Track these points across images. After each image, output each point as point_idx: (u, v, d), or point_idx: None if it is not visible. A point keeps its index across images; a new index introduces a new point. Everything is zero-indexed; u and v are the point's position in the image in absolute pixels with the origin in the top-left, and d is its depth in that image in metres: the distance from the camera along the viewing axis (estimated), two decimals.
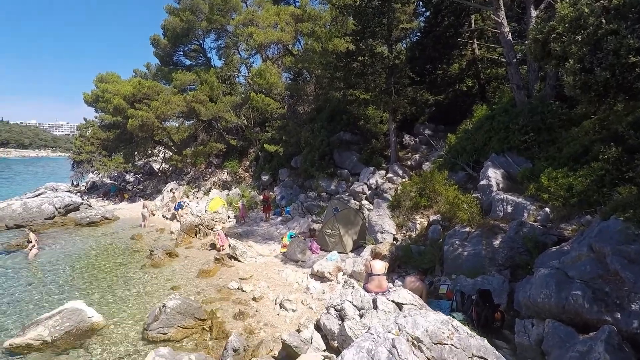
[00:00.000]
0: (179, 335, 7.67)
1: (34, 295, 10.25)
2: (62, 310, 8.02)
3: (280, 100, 23.62)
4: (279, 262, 12.05)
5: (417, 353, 3.06)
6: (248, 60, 28.79)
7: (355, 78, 15.63)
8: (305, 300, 9.06)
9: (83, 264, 13.15)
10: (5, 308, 9.42)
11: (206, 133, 27.74)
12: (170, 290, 10.17)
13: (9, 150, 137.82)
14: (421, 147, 16.48)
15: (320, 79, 21.09)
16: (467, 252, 8.46)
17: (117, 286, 10.76)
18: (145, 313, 8.64)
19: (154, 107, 23.40)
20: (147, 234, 17.01)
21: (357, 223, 12.54)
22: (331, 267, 10.23)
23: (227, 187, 23.43)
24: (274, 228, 16.04)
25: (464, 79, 17.03)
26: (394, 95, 14.96)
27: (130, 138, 26.99)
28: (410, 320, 3.35)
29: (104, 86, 25.50)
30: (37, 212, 20.24)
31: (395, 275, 9.56)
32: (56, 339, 7.44)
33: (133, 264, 12.65)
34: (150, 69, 33.35)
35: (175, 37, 27.09)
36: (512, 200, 8.99)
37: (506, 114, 11.40)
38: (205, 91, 24.60)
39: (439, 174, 11.44)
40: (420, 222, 11.24)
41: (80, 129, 37.35)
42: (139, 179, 31.92)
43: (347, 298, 6.94)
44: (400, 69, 15.17)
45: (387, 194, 14.00)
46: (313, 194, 17.52)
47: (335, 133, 18.78)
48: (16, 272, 12.15)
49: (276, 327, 7.98)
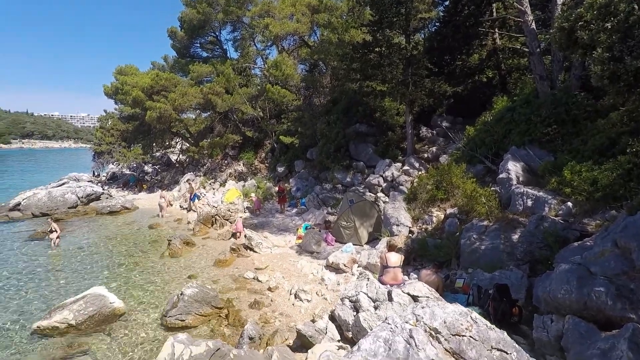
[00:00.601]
0: (196, 322, 7.86)
1: (58, 281, 10.64)
2: (85, 296, 8.31)
3: (296, 92, 23.57)
4: (294, 253, 12.14)
5: (434, 344, 3.03)
6: (264, 51, 28.79)
7: (372, 69, 15.41)
8: (320, 291, 9.12)
9: (104, 251, 13.55)
10: (32, 293, 9.82)
11: (222, 125, 27.97)
12: (188, 278, 10.39)
13: (34, 141, 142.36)
14: (438, 139, 16.21)
15: (336, 71, 20.91)
16: (485, 246, 8.33)
17: (137, 274, 11.05)
18: (164, 300, 8.87)
19: (172, 99, 23.70)
20: (165, 224, 17.37)
21: (373, 215, 12.49)
22: (346, 258, 10.24)
23: (243, 179, 23.65)
24: (289, 219, 16.14)
25: (484, 70, 16.59)
26: (411, 86, 14.72)
27: (148, 130, 27.46)
28: (428, 311, 3.32)
29: (123, 78, 25.95)
30: (60, 201, 20.93)
31: (411, 268, 9.51)
32: (80, 323, 7.72)
33: (152, 253, 12.96)
34: (168, 61, 33.72)
35: (192, 29, 27.24)
36: (532, 194, 8.78)
37: (528, 105, 11.08)
38: (222, 83, 24.74)
39: (456, 167, 11.25)
40: (437, 215, 11.11)
41: (100, 120, 38.15)
42: (157, 170, 32.56)
43: (362, 290, 6.95)
44: (418, 59, 14.88)
45: (403, 187, 13.87)
46: (328, 185, 17.51)
47: (351, 125, 18.65)
48: (41, 259, 12.62)
49: (291, 316, 8.07)
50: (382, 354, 2.97)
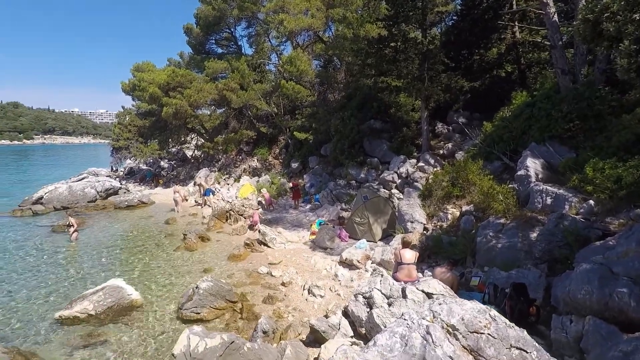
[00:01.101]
0: (211, 315, 7.96)
1: (78, 273, 10.93)
2: (104, 287, 8.52)
3: (311, 88, 23.51)
4: (307, 249, 12.17)
5: (452, 341, 2.98)
6: (278, 47, 28.80)
7: (387, 64, 15.23)
8: (333, 287, 9.12)
9: (122, 245, 13.85)
10: (53, 283, 10.12)
11: (237, 121, 28.16)
12: (203, 272, 10.53)
13: (55, 136, 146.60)
14: (454, 135, 15.94)
15: (350, 66, 20.75)
16: (502, 245, 8.18)
17: (154, 267, 11.27)
18: (180, 293, 9.01)
19: (187, 95, 23.97)
20: (181, 218, 17.64)
21: (387, 212, 12.40)
22: (360, 255, 10.21)
23: (257, 174, 23.80)
24: (303, 215, 16.18)
25: (502, 64, 16.19)
26: (427, 82, 14.49)
27: (164, 125, 27.87)
28: (446, 307, 3.27)
29: (140, 75, 26.34)
30: (80, 195, 21.48)
31: (425, 265, 9.43)
32: (100, 313, 7.94)
33: (168, 246, 13.18)
34: (184, 57, 34.09)
35: (208, 25, 27.43)
36: (552, 192, 8.56)
37: (548, 100, 10.78)
38: (237, 79, 24.89)
39: (473, 164, 11.05)
40: (452, 213, 10.96)
41: (118, 116, 38.97)
42: (172, 165, 33.06)
43: (376, 286, 6.92)
44: (435, 54, 14.63)
45: (418, 183, 13.72)
46: (342, 182, 17.46)
47: (365, 121, 18.52)
48: (62, 251, 12.99)
49: (304, 312, 8.11)
50: (398, 349, 2.94)
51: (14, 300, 9.09)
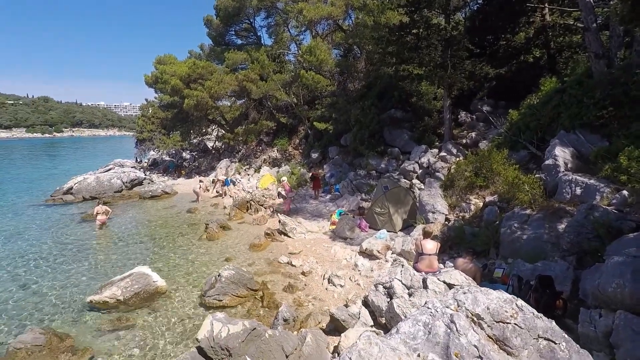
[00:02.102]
0: (233, 302, 8.12)
1: (106, 259, 11.35)
2: (131, 274, 8.80)
3: (330, 78, 23.32)
4: (327, 239, 12.19)
5: (477, 330, 2.92)
6: (298, 37, 28.65)
7: (409, 52, 14.86)
8: (353, 277, 9.13)
9: (147, 233, 14.27)
10: (83, 269, 10.55)
11: (257, 111, 28.32)
12: (224, 261, 10.73)
13: (82, 129, 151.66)
14: (478, 124, 15.50)
15: (371, 55, 20.40)
16: (527, 236, 7.95)
17: (177, 255, 11.56)
18: (202, 281, 9.22)
19: (208, 86, 24.22)
20: (202, 208, 17.99)
21: (408, 202, 12.26)
22: (380, 245, 10.16)
23: (277, 165, 23.95)
24: (323, 205, 16.20)
25: (530, 49, 15.48)
26: (450, 69, 14.08)
27: (186, 117, 28.32)
28: (470, 296, 3.20)
29: (162, 68, 26.76)
30: (107, 185, 22.21)
31: (446, 256, 9.30)
32: (127, 299, 8.22)
33: (190, 236, 13.48)
34: (204, 49, 34.41)
35: (227, 16, 27.51)
36: (582, 182, 8.21)
37: (580, 86, 10.27)
38: (256, 70, 24.96)
39: (497, 153, 10.73)
40: (475, 203, 10.71)
41: (142, 109, 39.86)
42: (194, 156, 33.67)
43: (396, 276, 6.89)
44: (458, 40, 14.16)
45: (440, 173, 13.47)
46: (362, 172, 17.35)
47: (386, 110, 18.25)
48: (90, 239, 13.52)
49: (324, 301, 8.15)
50: (421, 337, 2.91)
51: (47, 284, 9.55)
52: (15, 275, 10.15)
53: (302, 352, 5.64)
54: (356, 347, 2.73)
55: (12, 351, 6.24)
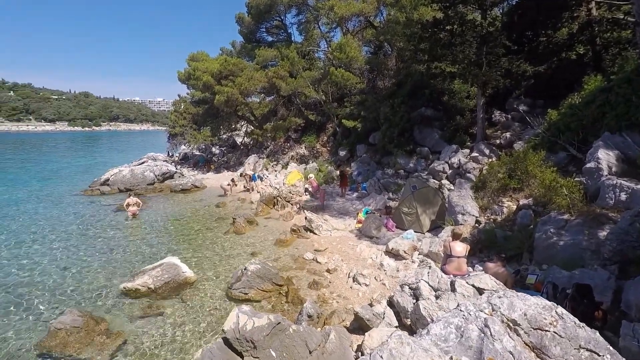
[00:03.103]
0: (258, 296, 8.21)
1: (138, 249, 11.79)
2: (162, 264, 9.09)
3: (360, 75, 23.14)
4: (353, 237, 12.11)
5: (512, 336, 2.78)
6: (328, 34, 28.59)
7: (442, 49, 14.46)
8: (378, 276, 9.02)
9: (177, 225, 14.70)
10: (117, 257, 11.01)
11: (285, 108, 28.52)
12: (251, 255, 10.88)
13: (119, 124, 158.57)
14: (513, 124, 14.89)
15: (402, 52, 20.06)
16: (564, 242, 7.57)
17: (205, 247, 11.83)
18: (229, 274, 9.39)
19: (238, 83, 24.60)
20: (230, 203, 18.31)
21: (436, 203, 11.98)
22: (407, 245, 9.98)
23: (304, 162, 24.03)
24: (349, 203, 16.10)
25: (573, 46, 14.63)
26: (485, 67, 13.59)
27: (216, 113, 28.92)
28: (506, 301, 3.05)
29: (195, 64, 27.41)
30: (141, 178, 23.06)
31: (476, 259, 9.01)
32: (158, 287, 8.51)
33: (218, 229, 13.76)
34: (235, 46, 35.03)
35: (259, 14, 27.83)
36: (627, 187, 7.71)
37: (628, 85, 9.60)
38: (286, 67, 25.10)
39: (533, 154, 10.26)
40: (508, 206, 10.32)
41: (174, 104, 41.11)
42: (223, 152, 34.37)
43: (423, 278, 6.76)
44: (495, 37, 13.62)
45: (471, 174, 13.06)
46: (390, 171, 17.11)
47: (416, 109, 17.89)
48: (124, 228, 14.09)
49: (349, 299, 8.10)
50: (453, 340, 2.81)
51: (84, 270, 10.03)
52: (55, 260, 10.74)
53: (326, 348, 5.62)
54: (387, 346, 2.66)
55: (53, 331, 6.59)
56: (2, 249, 11.62)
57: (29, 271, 9.94)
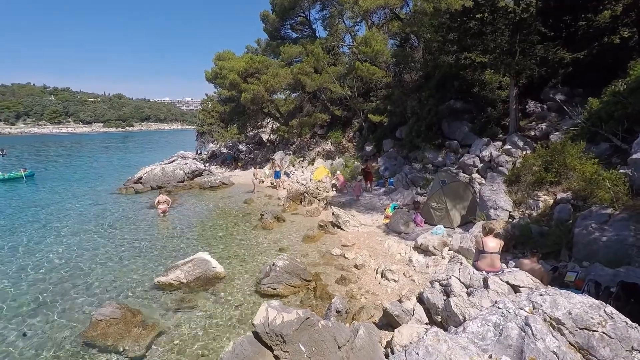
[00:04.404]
0: (287, 292, 8.27)
1: (170, 244, 12.16)
2: (193, 259, 9.33)
3: (386, 69, 22.76)
4: (381, 233, 11.98)
5: (556, 335, 2.63)
6: (353, 28, 28.28)
7: (472, 39, 13.90)
8: (407, 272, 8.88)
9: (206, 222, 15.06)
10: (150, 252, 11.41)
11: (311, 104, 28.54)
12: (279, 251, 10.97)
13: (150, 123, 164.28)
14: (550, 114, 14.17)
15: (429, 44, 19.51)
16: (607, 238, 7.17)
17: (234, 243, 12.05)
18: (257, 269, 9.53)
19: (264, 80, 24.81)
20: (258, 199, 18.56)
21: (467, 197, 11.63)
22: (436, 241, 9.76)
23: (330, 157, 23.98)
24: (376, 199, 15.94)
25: (616, 29, 13.66)
26: (519, 55, 12.97)
27: (243, 111, 29.33)
28: (549, 299, 2.89)
29: (221, 63, 27.88)
30: (171, 176, 23.78)
31: (510, 256, 8.70)
32: (190, 282, 8.74)
33: (246, 225, 13.98)
34: (260, 44, 35.32)
35: (283, 10, 27.88)
36: None
37: None
38: (311, 63, 25.06)
39: (572, 146, 9.73)
40: (544, 200, 9.86)
41: (202, 103, 42.11)
42: (250, 149, 34.84)
43: (454, 274, 6.59)
44: (529, 24, 12.95)
45: (503, 168, 12.57)
46: (418, 165, 16.77)
47: (444, 101, 17.40)
48: (156, 225, 14.60)
49: (377, 295, 8.03)
50: (491, 338, 2.69)
51: (120, 265, 10.47)
52: (95, 256, 11.25)
53: (355, 344, 5.59)
54: (423, 343, 2.58)
55: (94, 322, 6.92)
56: (47, 245, 12.30)
57: (71, 266, 10.47)
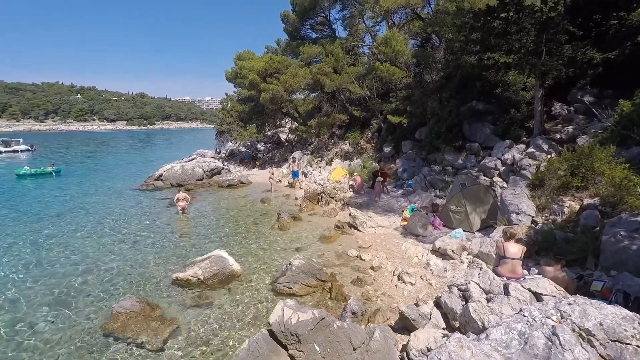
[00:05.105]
0: (302, 291, 8.26)
1: (188, 241, 12.35)
2: (210, 256, 9.42)
3: (406, 69, 22.51)
4: (398, 235, 11.84)
5: (586, 347, 2.51)
6: (373, 28, 28.12)
7: (496, 39, 13.56)
8: (424, 276, 8.73)
9: (224, 220, 15.23)
10: (169, 250, 11.59)
11: (330, 104, 28.51)
12: (295, 250, 10.98)
13: (170, 122, 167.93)
14: (577, 117, 13.69)
15: (451, 44, 19.17)
16: (637, 246, 6.88)
17: (251, 242, 12.13)
18: (274, 268, 9.56)
19: (283, 80, 24.91)
20: (275, 199, 18.65)
21: (487, 201, 11.37)
22: (455, 245, 9.56)
23: (348, 158, 23.89)
24: (394, 200, 15.76)
25: None
26: (545, 55, 12.59)
27: (262, 110, 29.55)
28: (578, 309, 2.77)
29: (242, 63, 28.15)
30: (191, 174, 24.18)
31: (531, 262, 8.45)
32: (207, 278, 8.83)
33: (263, 224, 14.05)
34: (280, 44, 35.51)
35: (303, 11, 27.95)
36: None
37: None
38: (330, 63, 25.01)
39: (601, 150, 9.38)
40: (570, 206, 9.52)
41: (222, 103, 42.67)
42: (268, 148, 35.08)
43: (473, 279, 6.44)
44: (557, 23, 12.55)
45: (526, 171, 12.22)
46: (437, 167, 16.50)
47: (466, 103, 17.07)
48: (175, 222, 14.86)
49: (393, 297, 7.93)
50: (515, 347, 2.59)
51: (140, 259, 10.68)
52: (114, 249, 11.54)
53: (370, 346, 5.52)
54: (446, 348, 2.51)
55: (115, 314, 7.09)
56: (69, 239, 12.68)
57: (92, 259, 10.77)
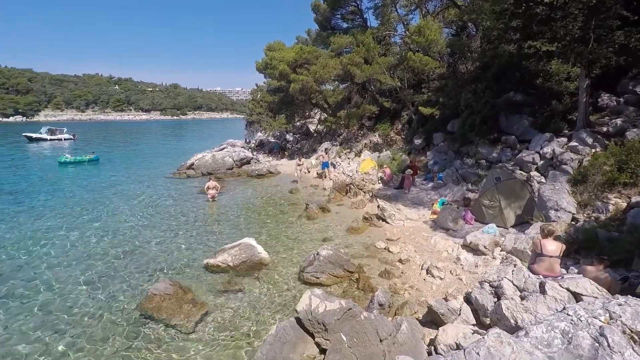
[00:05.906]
0: (329, 281, 8.31)
1: (218, 228, 12.70)
2: (240, 244, 9.63)
3: (439, 59, 21.82)
4: (427, 228, 11.62)
5: (637, 350, 2.36)
6: (406, 17, 27.35)
7: (538, 26, 12.78)
8: (454, 270, 8.54)
9: (253, 209, 15.50)
10: (200, 236, 11.95)
11: (360, 95, 28.13)
12: (322, 241, 11.03)
13: (202, 112, 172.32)
14: (627, 109, 12.78)
15: (489, 32, 18.31)
16: None
17: (279, 231, 12.28)
18: (301, 257, 9.63)
19: (313, 71, 24.77)
20: (303, 189, 18.74)
21: (523, 196, 10.91)
22: (487, 240, 9.27)
23: (378, 150, 23.58)
24: (424, 193, 15.45)
25: None
26: (593, 43, 11.78)
27: (291, 101, 29.57)
28: (629, 310, 2.60)
29: (272, 54, 28.23)
30: (221, 163, 24.77)
31: (570, 261, 8.05)
32: (236, 265, 9.07)
33: (291, 214, 14.18)
34: (311, 34, 35.31)
35: (334, 0, 27.60)
36: None
37: None
38: (361, 53, 24.61)
39: None
40: (615, 203, 8.97)
41: (252, 93, 43.12)
42: (297, 139, 35.21)
43: (507, 276, 6.26)
44: (608, 7, 11.68)
45: (567, 166, 11.60)
46: (470, 160, 15.97)
47: (502, 94, 16.34)
48: (206, 209, 15.28)
49: (421, 291, 7.83)
50: (558, 346, 2.47)
51: (172, 245, 11.09)
52: (148, 235, 12.02)
53: (397, 339, 5.48)
54: (484, 343, 2.43)
55: (150, 296, 7.41)
56: (106, 224, 13.29)
57: (128, 243, 11.27)
